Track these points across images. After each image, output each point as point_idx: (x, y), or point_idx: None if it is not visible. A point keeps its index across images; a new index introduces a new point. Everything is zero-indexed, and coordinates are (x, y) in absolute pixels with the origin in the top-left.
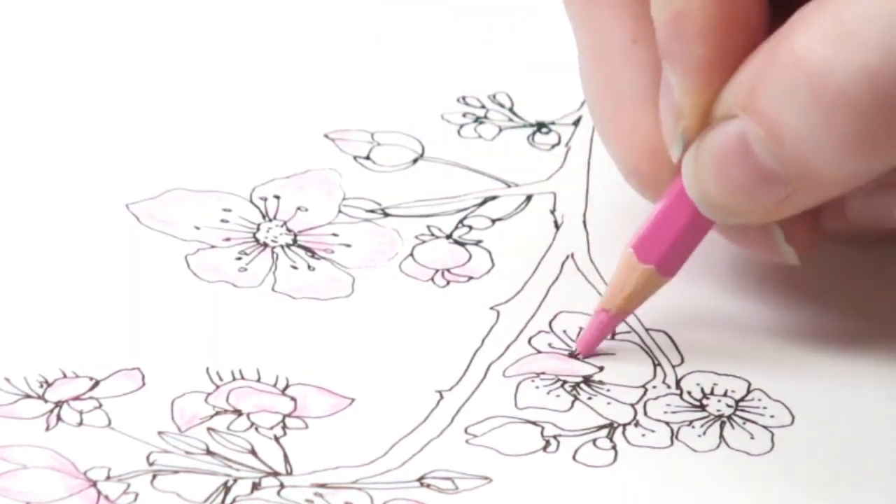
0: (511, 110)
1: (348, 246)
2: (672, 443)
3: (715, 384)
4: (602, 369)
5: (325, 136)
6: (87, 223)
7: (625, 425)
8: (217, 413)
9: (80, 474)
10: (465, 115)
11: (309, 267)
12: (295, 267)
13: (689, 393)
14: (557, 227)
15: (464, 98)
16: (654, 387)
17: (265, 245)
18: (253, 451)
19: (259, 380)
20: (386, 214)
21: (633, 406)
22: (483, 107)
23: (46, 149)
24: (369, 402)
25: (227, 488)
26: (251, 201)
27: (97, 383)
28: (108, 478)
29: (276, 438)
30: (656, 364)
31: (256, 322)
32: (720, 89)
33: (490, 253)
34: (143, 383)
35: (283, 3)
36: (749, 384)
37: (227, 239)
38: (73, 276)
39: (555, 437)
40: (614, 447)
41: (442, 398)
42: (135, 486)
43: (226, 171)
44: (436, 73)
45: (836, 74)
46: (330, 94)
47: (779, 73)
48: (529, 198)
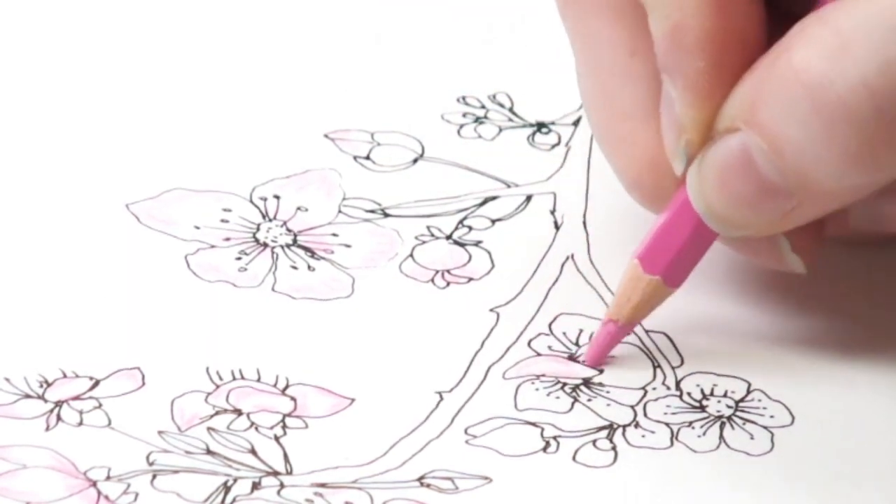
0: (511, 110)
1: (348, 246)
2: (672, 444)
3: (715, 385)
4: (602, 371)
5: (325, 136)
6: (87, 223)
7: (625, 426)
8: (217, 413)
9: (80, 474)
10: (465, 115)
11: (309, 267)
12: (295, 267)
13: (688, 394)
14: (557, 227)
15: (464, 98)
16: (654, 388)
17: (265, 245)
18: (253, 451)
19: (259, 380)
20: (386, 215)
21: (632, 407)
22: (483, 107)
23: (46, 149)
24: (369, 402)
25: (227, 488)
26: (251, 201)
27: (97, 383)
28: (108, 478)
29: (276, 438)
30: (656, 366)
31: (256, 322)
32: (721, 102)
33: (490, 253)
34: (143, 383)
35: (283, 3)
36: (749, 385)
37: (227, 239)
38: (73, 276)
39: (555, 437)
40: (614, 448)
41: (442, 399)
42: (135, 486)
43: (226, 171)
44: (436, 73)
45: (835, 87)
46: (330, 94)
47: (779, 86)
48: (529, 198)
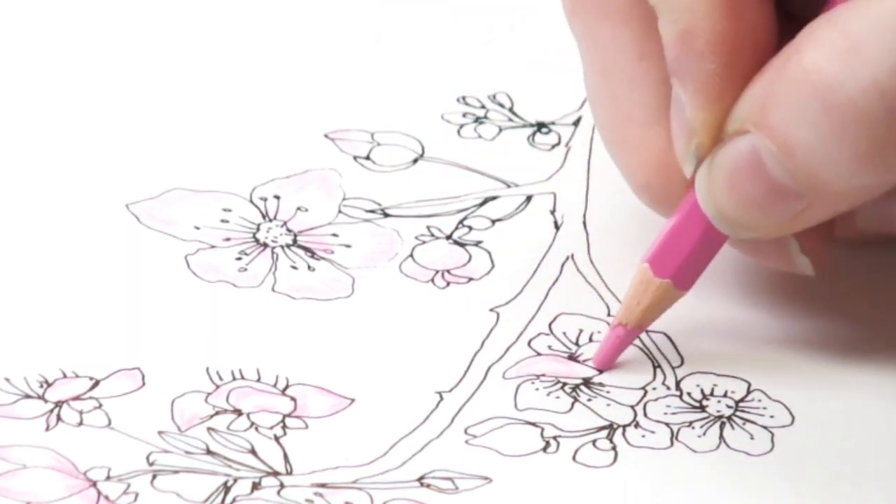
0: (511, 110)
1: (348, 246)
2: (672, 444)
3: (715, 385)
4: (602, 371)
5: (325, 136)
6: (87, 223)
7: (625, 426)
8: (217, 413)
9: (80, 474)
10: (465, 115)
11: (309, 267)
12: (295, 267)
13: (688, 394)
14: (557, 227)
15: (464, 98)
16: (654, 388)
17: (265, 245)
18: (253, 451)
19: (259, 380)
20: (386, 215)
21: (632, 407)
22: (483, 107)
23: (46, 149)
24: (369, 402)
25: (227, 488)
26: (251, 201)
27: (97, 383)
28: (108, 478)
29: (276, 438)
30: (656, 366)
31: (256, 322)
32: (731, 105)
33: (490, 253)
34: (143, 383)
35: (283, 3)
36: (749, 385)
37: (227, 239)
38: (73, 276)
39: (555, 437)
40: (614, 448)
41: (442, 399)
42: (135, 486)
43: (226, 171)
44: (436, 73)
45: (845, 88)
46: (330, 94)
47: (789, 88)
48: (529, 198)
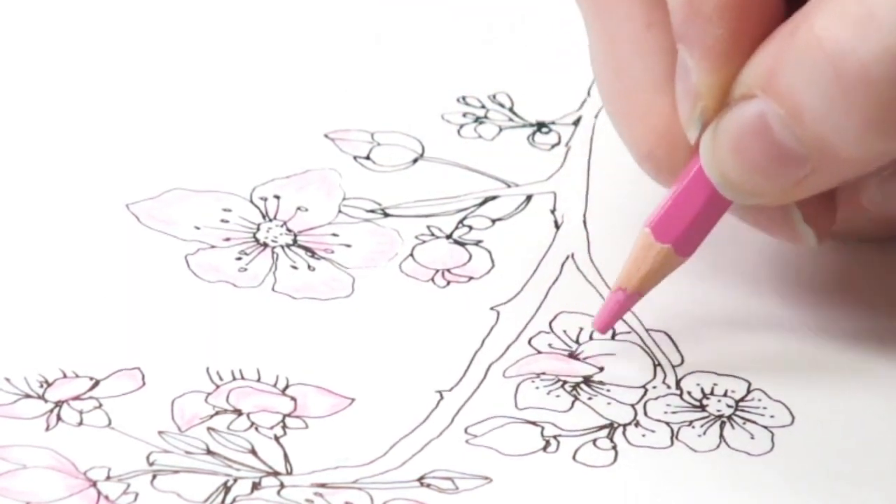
0: (511, 110)
1: (348, 246)
2: (672, 443)
3: (715, 384)
4: (602, 370)
5: (325, 136)
6: (87, 223)
7: (625, 425)
8: (217, 413)
9: (80, 474)
10: (465, 115)
11: (309, 267)
12: (295, 267)
13: (689, 393)
14: (557, 227)
15: (464, 98)
16: (655, 387)
17: (265, 245)
18: (253, 451)
19: (259, 380)
20: (386, 214)
21: (633, 406)
22: (483, 107)
23: (46, 149)
24: (369, 402)
25: (227, 488)
26: (251, 201)
27: (97, 383)
28: (108, 478)
29: (277, 438)
30: (656, 364)
31: (256, 322)
32: (737, 70)
33: (490, 253)
34: (143, 383)
35: (283, 3)
36: (749, 384)
37: (227, 239)
38: (73, 276)
39: (555, 437)
40: (614, 447)
41: (442, 398)
42: (135, 486)
43: (226, 171)
44: (436, 73)
45: (857, 54)
46: (330, 94)
47: (799, 53)
48: (529, 198)
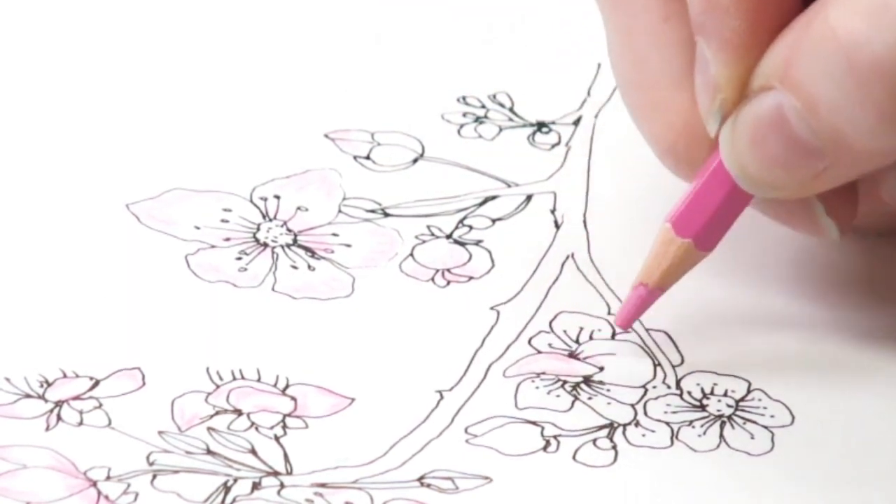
0: (511, 110)
1: (348, 246)
2: (672, 443)
3: (715, 384)
4: (602, 369)
5: (325, 136)
6: (87, 223)
7: (625, 425)
8: (217, 413)
9: (80, 474)
10: (465, 114)
11: (309, 267)
12: (295, 267)
13: (689, 393)
14: (557, 226)
15: (464, 98)
16: (655, 387)
17: (265, 245)
18: (253, 451)
19: (259, 380)
20: (386, 214)
21: (633, 406)
22: (483, 107)
23: (46, 149)
24: (369, 402)
25: (227, 488)
26: (251, 201)
27: (97, 383)
28: (108, 478)
29: (277, 438)
30: (656, 364)
31: (256, 322)
32: (756, 62)
33: (490, 253)
34: (143, 383)
35: (283, 3)
36: (749, 384)
37: (228, 239)
38: (73, 276)
39: (555, 437)
40: (614, 447)
41: (442, 398)
42: (135, 486)
43: (226, 171)
44: (436, 73)
45: (871, 46)
46: (330, 94)
47: (815, 44)
48: (529, 198)
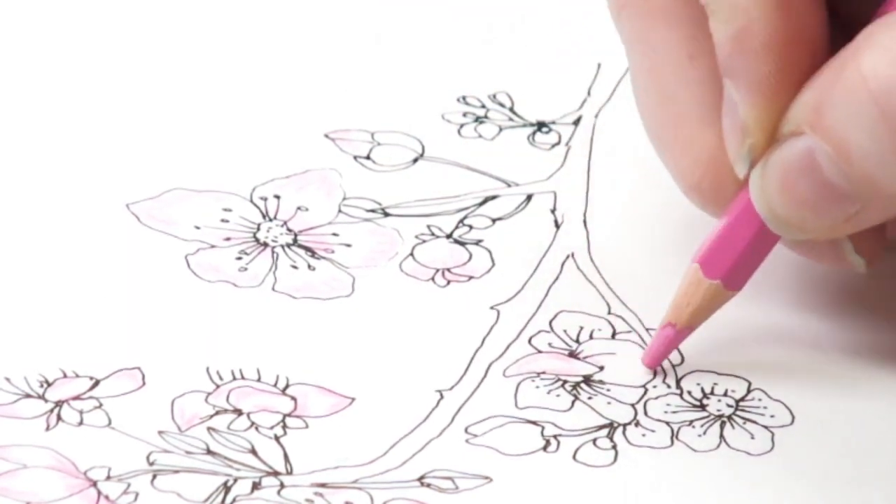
0: (511, 110)
1: (348, 246)
2: (672, 443)
3: (715, 384)
4: (602, 369)
5: (325, 136)
6: (87, 223)
7: (625, 425)
8: (217, 413)
9: (80, 474)
10: (465, 114)
11: (309, 267)
12: (295, 267)
13: (689, 393)
14: (557, 226)
15: (464, 98)
16: (655, 386)
17: (265, 245)
18: (253, 451)
19: (259, 379)
20: (386, 214)
21: (633, 406)
22: (483, 106)
23: (47, 149)
24: (369, 401)
25: (227, 488)
26: (251, 201)
27: (97, 383)
28: (108, 478)
29: (277, 438)
30: None
31: (256, 322)
32: (785, 106)
33: (490, 252)
34: (144, 383)
35: (283, 3)
36: (749, 384)
37: (228, 239)
38: (73, 276)
39: (555, 436)
40: (614, 447)
41: (442, 398)
42: (135, 486)
43: (226, 171)
44: (436, 73)
45: None
46: (330, 94)
47: (845, 91)
48: (530, 197)
